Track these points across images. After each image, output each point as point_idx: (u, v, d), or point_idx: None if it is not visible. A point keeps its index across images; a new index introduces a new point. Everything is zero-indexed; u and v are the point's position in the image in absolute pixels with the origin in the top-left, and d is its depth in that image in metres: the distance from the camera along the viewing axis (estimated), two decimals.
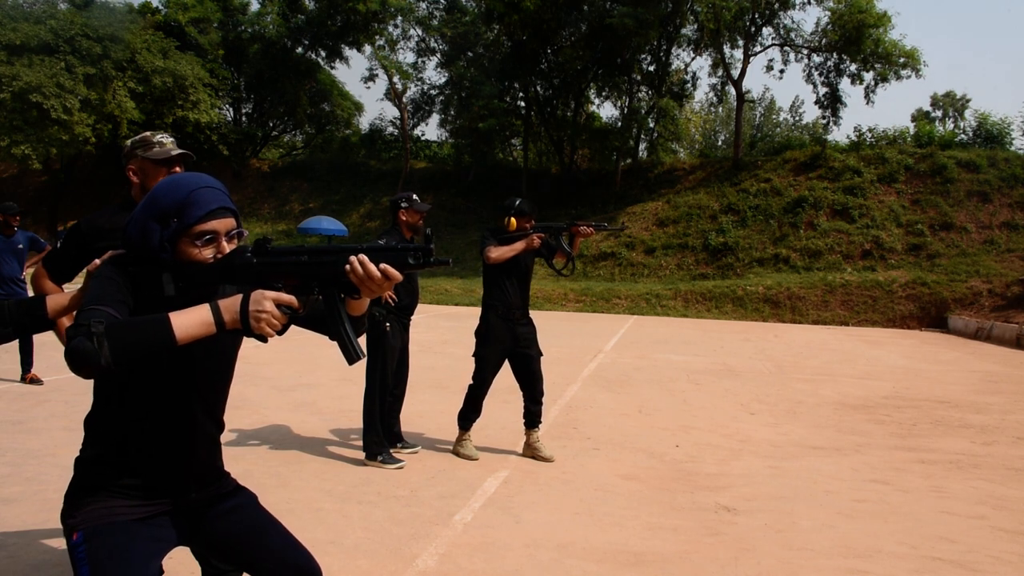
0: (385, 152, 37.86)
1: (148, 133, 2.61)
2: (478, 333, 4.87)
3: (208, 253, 1.62)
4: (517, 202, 4.81)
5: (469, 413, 4.90)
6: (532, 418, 4.91)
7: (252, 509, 1.85)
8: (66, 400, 6.06)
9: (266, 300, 1.49)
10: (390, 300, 4.64)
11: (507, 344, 4.81)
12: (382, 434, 4.69)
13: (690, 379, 8.79)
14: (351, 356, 1.62)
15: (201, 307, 1.49)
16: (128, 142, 2.64)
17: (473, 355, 4.91)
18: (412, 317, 4.99)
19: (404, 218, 4.65)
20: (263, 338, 1.52)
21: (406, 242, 4.61)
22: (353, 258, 1.53)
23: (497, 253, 4.64)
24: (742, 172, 26.90)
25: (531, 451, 4.93)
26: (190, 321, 1.46)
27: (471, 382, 4.90)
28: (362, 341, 2.14)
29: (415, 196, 4.74)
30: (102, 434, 1.71)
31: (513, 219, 4.73)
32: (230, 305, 1.49)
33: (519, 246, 4.67)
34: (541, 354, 4.96)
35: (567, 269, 4.90)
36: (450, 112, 32.78)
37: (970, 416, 7.17)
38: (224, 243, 1.64)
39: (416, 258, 1.53)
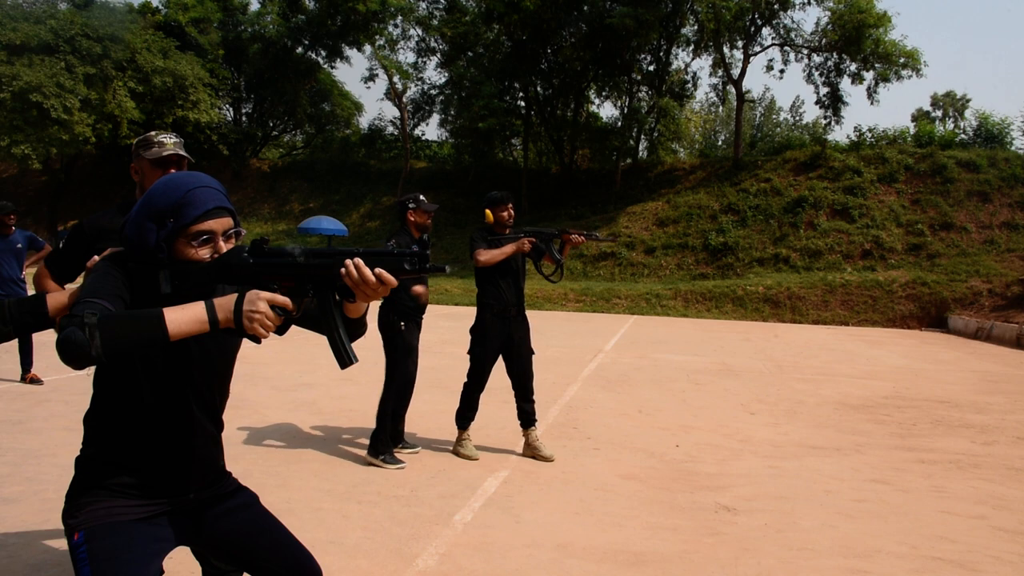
0: (385, 152, 37.87)
1: (152, 133, 2.60)
2: (473, 331, 4.90)
3: (205, 253, 1.62)
4: (490, 194, 4.83)
5: (466, 411, 4.92)
6: (527, 417, 4.92)
7: (253, 509, 1.85)
8: (66, 400, 6.06)
9: (260, 301, 1.48)
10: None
11: (502, 341, 4.84)
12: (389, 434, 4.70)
13: (690, 379, 8.79)
14: (343, 360, 1.61)
15: (196, 304, 1.48)
16: (135, 141, 2.64)
17: (468, 352, 4.93)
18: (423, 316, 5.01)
19: (412, 219, 4.66)
20: (256, 339, 1.52)
21: (416, 242, 4.62)
22: (348, 262, 1.52)
23: (486, 256, 4.66)
24: (742, 172, 26.91)
25: (531, 451, 4.94)
26: (184, 317, 1.45)
27: (466, 380, 4.92)
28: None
29: (422, 196, 4.73)
30: (101, 432, 1.71)
31: (488, 212, 4.75)
32: (225, 304, 1.49)
33: (509, 249, 4.68)
34: (533, 352, 4.99)
35: (555, 276, 4.90)
36: (450, 112, 32.74)
37: (970, 416, 7.17)
38: (221, 242, 1.64)
39: (412, 264, 1.53)
